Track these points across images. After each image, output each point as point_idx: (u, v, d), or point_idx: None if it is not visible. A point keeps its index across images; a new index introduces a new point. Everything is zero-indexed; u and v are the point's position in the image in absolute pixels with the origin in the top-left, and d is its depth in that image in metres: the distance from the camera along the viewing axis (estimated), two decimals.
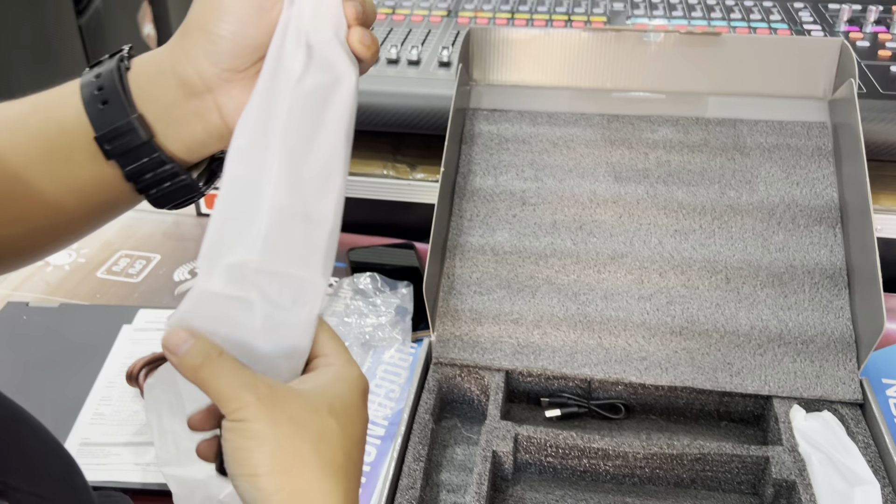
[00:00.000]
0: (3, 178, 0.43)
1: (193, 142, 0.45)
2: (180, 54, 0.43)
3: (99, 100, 0.43)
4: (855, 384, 0.67)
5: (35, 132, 0.44)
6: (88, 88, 0.44)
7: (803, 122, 0.79)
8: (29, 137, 0.44)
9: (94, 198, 0.45)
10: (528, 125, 0.82)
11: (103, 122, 0.43)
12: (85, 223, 0.48)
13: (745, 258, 0.73)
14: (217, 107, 0.44)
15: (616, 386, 0.70)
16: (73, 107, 0.44)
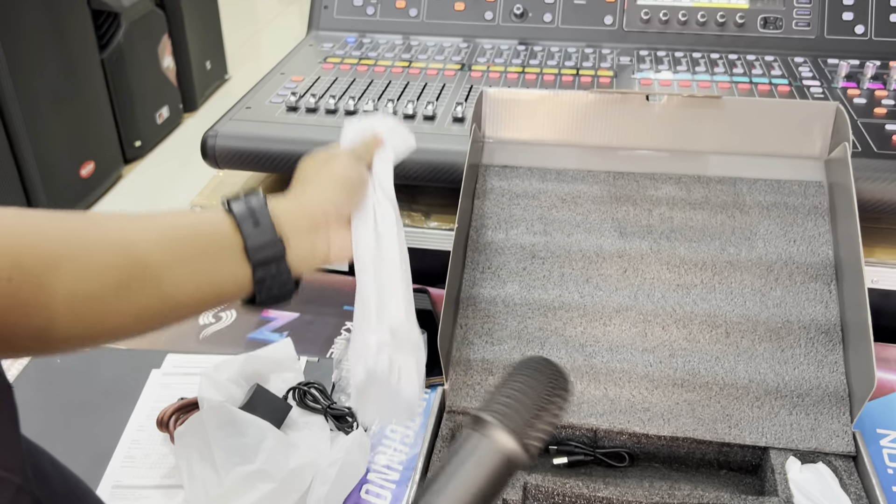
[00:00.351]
0: (149, 269, 0.51)
1: (303, 265, 0.58)
2: (318, 198, 0.61)
3: (251, 221, 0.55)
4: (848, 437, 0.70)
5: (186, 240, 0.54)
6: (241, 211, 0.56)
7: (800, 182, 0.83)
8: (181, 243, 0.53)
9: (219, 297, 0.55)
10: (537, 181, 0.86)
11: (254, 237, 0.55)
12: (192, 312, 0.56)
13: (743, 313, 0.76)
14: (328, 241, 0.60)
15: (621, 435, 0.73)
16: (226, 224, 0.55)
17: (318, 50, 1.18)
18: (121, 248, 0.49)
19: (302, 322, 0.93)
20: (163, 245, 0.52)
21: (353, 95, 1.02)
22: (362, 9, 1.24)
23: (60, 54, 2.32)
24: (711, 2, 1.17)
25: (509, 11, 1.20)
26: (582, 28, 1.19)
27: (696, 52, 1.15)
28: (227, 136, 0.95)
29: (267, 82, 1.08)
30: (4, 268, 0.42)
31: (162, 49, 2.84)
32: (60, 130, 2.36)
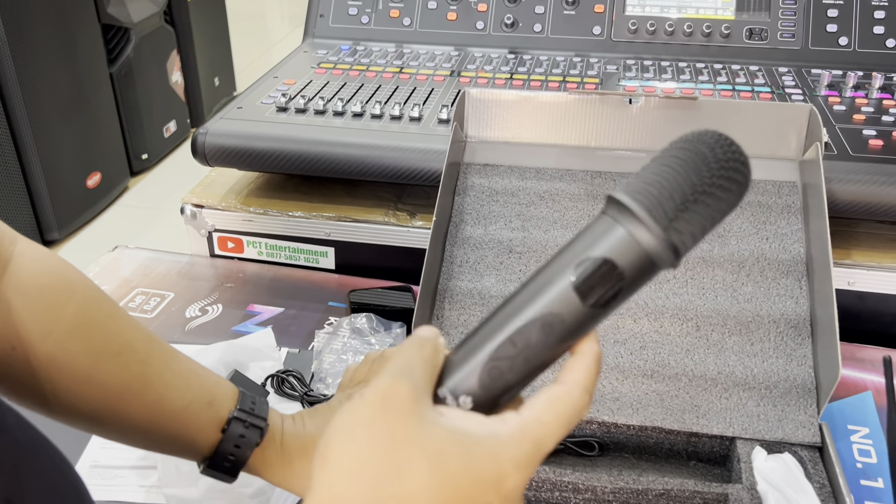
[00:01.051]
0: (147, 383, 0.55)
1: (263, 467, 0.59)
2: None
3: (249, 400, 0.60)
4: (815, 428, 0.71)
5: (195, 386, 0.58)
6: (247, 397, 0.60)
7: (774, 182, 0.84)
8: (190, 386, 0.58)
9: (181, 438, 0.57)
10: (517, 179, 0.88)
11: (245, 404, 0.59)
12: (151, 443, 0.59)
13: (715, 307, 0.78)
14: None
15: (590, 424, 0.74)
16: (230, 392, 0.60)
17: (313, 56, 1.21)
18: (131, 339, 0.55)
19: (286, 316, 0.94)
20: (171, 385, 0.56)
21: (343, 97, 1.04)
22: (357, 17, 1.27)
23: (70, 67, 2.37)
24: (698, 13, 1.19)
25: (500, 21, 1.23)
26: (571, 38, 1.21)
27: (682, 61, 1.17)
28: (217, 134, 0.98)
29: (260, 85, 1.11)
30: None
31: (171, 64, 2.89)
32: (68, 141, 2.40)
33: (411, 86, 1.10)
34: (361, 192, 1.05)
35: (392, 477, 0.34)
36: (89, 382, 0.52)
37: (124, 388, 0.53)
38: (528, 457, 0.36)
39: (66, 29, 2.35)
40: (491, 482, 0.36)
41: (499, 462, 0.36)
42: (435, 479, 0.34)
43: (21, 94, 2.18)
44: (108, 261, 1.05)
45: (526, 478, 0.37)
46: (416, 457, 0.35)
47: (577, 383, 0.38)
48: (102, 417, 0.54)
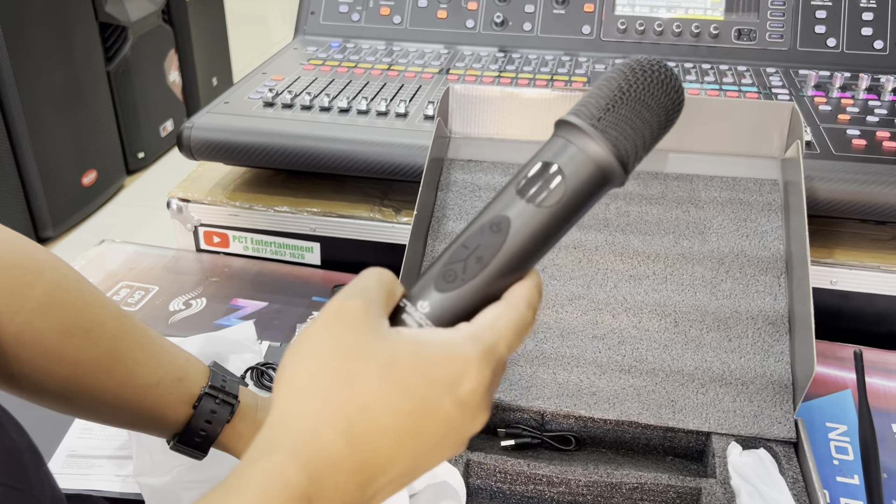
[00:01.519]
0: (114, 361, 0.55)
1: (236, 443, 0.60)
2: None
3: (220, 378, 0.60)
4: (790, 424, 0.71)
5: (166, 363, 0.58)
6: (218, 375, 0.60)
7: (756, 179, 0.84)
8: (157, 355, 0.58)
9: (152, 414, 0.58)
10: (500, 175, 0.88)
11: (216, 381, 0.60)
12: (121, 419, 0.60)
13: (693, 303, 0.78)
14: None
15: (567, 419, 0.75)
16: (201, 369, 0.61)
17: (302, 53, 1.21)
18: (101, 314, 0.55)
19: (270, 311, 0.95)
20: (141, 362, 0.56)
21: (330, 93, 1.05)
22: (347, 15, 1.27)
23: (67, 65, 2.37)
24: (687, 13, 1.20)
25: (490, 20, 1.23)
26: (560, 37, 1.22)
27: (671, 61, 1.17)
28: (203, 128, 0.98)
29: (248, 80, 1.11)
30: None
31: (168, 63, 2.89)
32: (64, 139, 2.41)
33: (399, 83, 1.10)
34: (347, 187, 1.06)
35: (343, 385, 0.35)
36: (59, 359, 0.52)
37: (94, 364, 0.54)
38: (482, 357, 0.37)
39: (64, 27, 2.35)
40: (444, 383, 0.36)
41: (451, 361, 0.37)
42: (386, 383, 0.35)
43: (17, 91, 2.19)
44: (94, 255, 1.05)
45: (482, 382, 0.37)
46: (366, 365, 0.36)
47: (521, 298, 0.40)
48: (72, 394, 0.54)
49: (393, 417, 0.35)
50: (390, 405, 0.35)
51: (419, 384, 0.36)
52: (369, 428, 0.35)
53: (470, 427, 0.38)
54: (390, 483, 0.36)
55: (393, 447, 0.36)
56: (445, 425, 0.37)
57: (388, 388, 0.35)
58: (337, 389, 0.35)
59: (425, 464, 0.38)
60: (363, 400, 0.35)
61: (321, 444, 0.34)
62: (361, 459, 0.35)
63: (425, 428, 0.36)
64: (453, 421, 0.37)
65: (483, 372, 0.37)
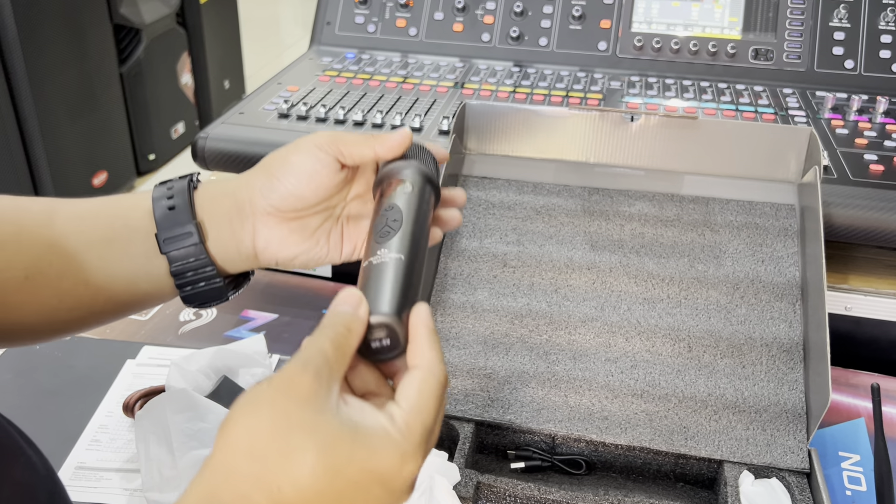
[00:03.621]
0: (61, 256, 0.52)
1: (228, 257, 0.55)
2: (243, 183, 0.55)
3: (166, 206, 0.53)
4: (803, 454, 0.70)
5: (102, 223, 0.53)
6: (159, 194, 0.54)
7: (772, 204, 0.84)
8: (95, 227, 0.53)
9: (136, 286, 0.54)
10: (514, 193, 0.87)
11: (166, 223, 0.52)
12: (117, 308, 0.56)
13: (707, 328, 0.77)
14: (253, 232, 0.55)
15: (578, 443, 0.74)
16: (142, 208, 0.54)
17: (318, 63, 1.21)
18: (33, 238, 0.51)
19: (280, 323, 0.94)
20: (77, 231, 0.52)
21: (345, 106, 1.04)
22: (363, 26, 1.27)
23: (80, 66, 2.38)
24: (704, 31, 1.19)
25: (506, 34, 1.23)
26: (576, 53, 1.21)
27: (687, 79, 1.17)
28: (217, 138, 0.98)
29: (263, 91, 1.11)
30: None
31: (181, 66, 2.90)
32: (75, 139, 2.41)
33: (414, 96, 1.10)
34: None
35: (282, 458, 0.37)
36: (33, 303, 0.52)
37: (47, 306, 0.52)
38: (417, 446, 0.40)
39: (78, 28, 2.36)
40: (379, 474, 0.39)
41: (390, 457, 0.39)
42: (322, 464, 0.38)
43: (30, 91, 2.19)
44: None
45: (416, 469, 0.41)
46: (307, 442, 0.38)
47: (431, 360, 0.43)
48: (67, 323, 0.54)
49: (320, 497, 0.38)
50: (321, 485, 0.38)
51: (354, 471, 0.39)
52: (296, 501, 0.38)
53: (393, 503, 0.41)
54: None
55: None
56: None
57: (323, 468, 0.38)
58: (275, 459, 0.37)
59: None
60: (297, 475, 0.37)
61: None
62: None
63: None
64: (380, 502, 0.40)
65: (417, 461, 0.41)
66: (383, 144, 0.53)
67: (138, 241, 0.53)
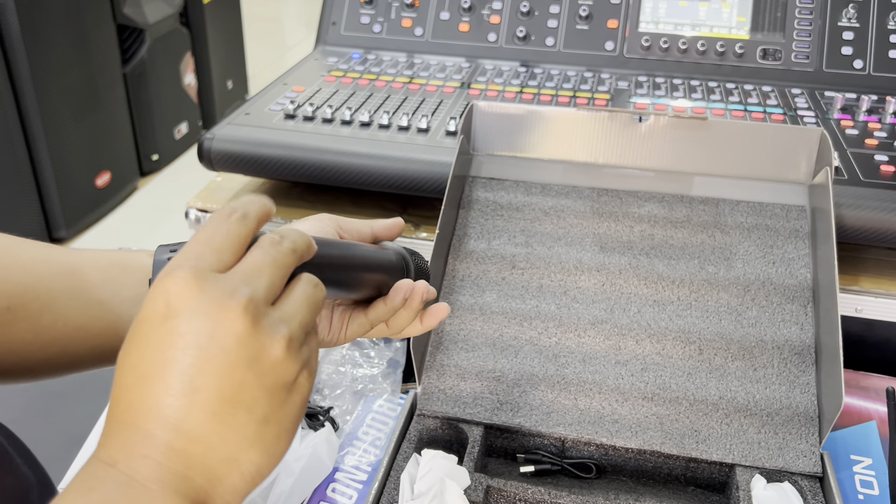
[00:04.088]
0: (48, 292, 0.52)
1: None
2: None
3: (167, 257, 0.54)
4: (816, 458, 0.70)
5: (101, 265, 0.54)
6: (162, 253, 0.55)
7: (783, 205, 0.83)
8: (94, 267, 0.54)
9: (116, 334, 0.54)
10: (522, 194, 0.87)
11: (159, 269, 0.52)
12: (90, 353, 0.56)
13: (718, 331, 0.77)
14: None
15: (588, 446, 0.74)
16: (143, 259, 0.55)
17: (323, 63, 1.21)
18: (23, 270, 0.51)
19: None
20: (71, 268, 0.52)
21: (351, 106, 1.04)
22: (369, 26, 1.26)
23: (83, 66, 2.38)
24: (712, 31, 1.18)
25: (513, 34, 1.22)
26: (583, 53, 1.21)
27: (695, 80, 1.16)
28: (224, 139, 0.97)
29: (268, 91, 1.11)
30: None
31: (184, 66, 2.90)
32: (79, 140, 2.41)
33: (420, 96, 1.09)
34: (366, 201, 1.05)
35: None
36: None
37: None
38: (180, 260, 0.38)
39: (81, 28, 2.36)
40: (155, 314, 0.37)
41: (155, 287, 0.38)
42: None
43: (34, 91, 2.19)
44: None
45: (180, 284, 0.37)
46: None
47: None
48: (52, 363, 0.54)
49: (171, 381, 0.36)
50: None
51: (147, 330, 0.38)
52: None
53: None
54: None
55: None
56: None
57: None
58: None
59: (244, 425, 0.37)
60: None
61: None
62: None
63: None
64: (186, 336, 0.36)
65: (182, 275, 0.37)
66: (380, 223, 0.60)
67: (131, 286, 0.54)
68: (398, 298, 0.55)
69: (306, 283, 0.42)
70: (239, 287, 0.37)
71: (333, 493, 0.73)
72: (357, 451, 0.76)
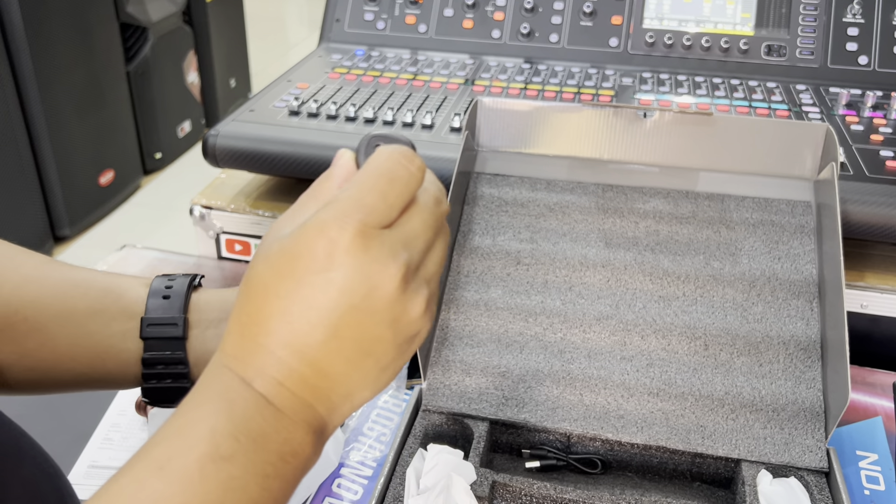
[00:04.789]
0: (38, 316, 0.52)
1: (203, 362, 0.54)
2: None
3: (162, 294, 0.54)
4: (822, 453, 0.70)
5: (94, 293, 0.53)
6: (159, 283, 0.54)
7: (788, 201, 0.83)
8: (86, 295, 0.53)
9: (102, 365, 0.53)
10: (527, 190, 0.87)
11: (156, 310, 0.53)
12: (74, 380, 0.55)
13: (724, 326, 0.76)
14: None
15: (594, 442, 0.73)
16: (138, 290, 0.54)
17: (327, 60, 1.21)
18: (14, 290, 0.50)
19: None
20: (65, 294, 0.52)
21: (355, 103, 1.04)
22: (373, 23, 1.26)
23: (87, 64, 2.38)
24: (716, 27, 1.18)
25: (516, 30, 1.22)
26: (587, 49, 1.21)
27: (699, 76, 1.16)
28: (228, 136, 0.97)
29: (273, 88, 1.11)
30: None
31: (187, 64, 2.90)
32: (82, 138, 2.41)
33: (424, 93, 1.09)
34: None
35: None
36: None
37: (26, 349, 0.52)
38: (338, 212, 0.38)
39: (84, 26, 2.36)
40: (307, 259, 0.38)
41: (306, 234, 0.39)
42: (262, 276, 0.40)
43: (38, 89, 2.19)
44: (115, 260, 1.05)
45: (343, 239, 0.38)
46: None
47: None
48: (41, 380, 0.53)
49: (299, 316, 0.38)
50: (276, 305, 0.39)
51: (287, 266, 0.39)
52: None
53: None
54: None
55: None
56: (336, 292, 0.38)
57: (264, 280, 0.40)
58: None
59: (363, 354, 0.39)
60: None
61: None
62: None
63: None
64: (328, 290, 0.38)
65: (342, 229, 0.37)
66: None
67: (122, 319, 0.54)
68: None
69: (445, 238, 0.43)
70: (399, 251, 0.38)
71: (339, 489, 0.73)
72: (362, 446, 0.76)
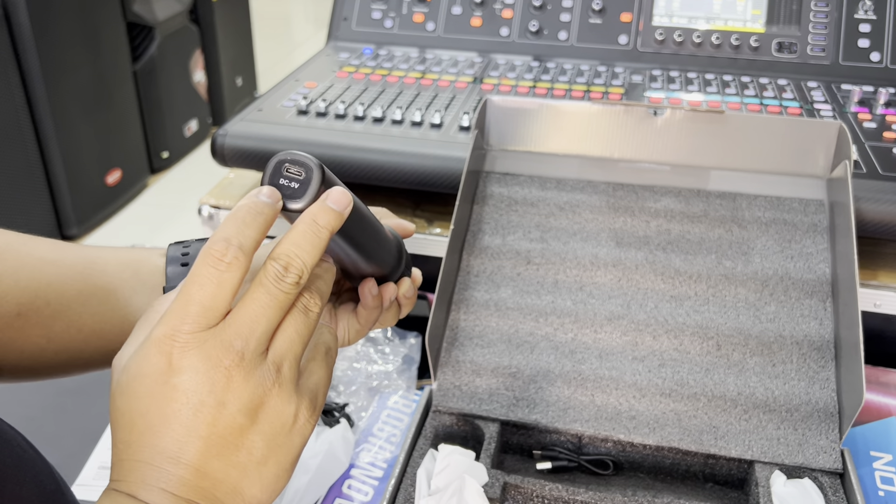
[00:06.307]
0: (60, 298, 0.52)
1: None
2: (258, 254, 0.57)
3: (180, 262, 0.53)
4: (836, 454, 0.69)
5: (112, 270, 0.54)
6: (174, 251, 0.54)
7: (801, 199, 0.82)
8: (104, 272, 0.53)
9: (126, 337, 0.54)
10: (537, 189, 0.86)
11: (176, 276, 0.53)
12: (104, 358, 0.56)
13: (736, 326, 0.76)
14: None
15: (606, 442, 0.73)
16: (154, 262, 0.54)
17: (335, 59, 1.20)
18: (33, 275, 0.51)
19: None
20: (83, 274, 0.52)
21: (364, 102, 1.03)
22: (380, 22, 1.26)
23: (93, 64, 2.38)
24: (727, 25, 1.17)
25: (525, 28, 1.22)
26: (596, 47, 1.20)
27: (709, 73, 1.15)
28: (237, 135, 0.97)
29: (281, 87, 1.10)
30: None
31: (194, 63, 2.90)
32: (89, 138, 2.41)
33: (433, 92, 1.09)
34: (379, 197, 1.04)
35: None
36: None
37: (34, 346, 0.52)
38: (169, 315, 0.40)
39: (91, 25, 2.36)
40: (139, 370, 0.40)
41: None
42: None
43: (45, 89, 2.20)
44: None
45: (169, 337, 0.40)
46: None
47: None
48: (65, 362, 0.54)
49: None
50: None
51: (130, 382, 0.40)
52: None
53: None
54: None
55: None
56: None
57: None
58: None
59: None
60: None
61: None
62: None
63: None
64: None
65: (173, 326, 0.40)
66: (393, 221, 0.63)
67: (144, 292, 0.54)
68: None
69: (302, 313, 0.43)
70: (233, 342, 0.40)
71: (349, 490, 0.72)
72: (373, 447, 0.76)
